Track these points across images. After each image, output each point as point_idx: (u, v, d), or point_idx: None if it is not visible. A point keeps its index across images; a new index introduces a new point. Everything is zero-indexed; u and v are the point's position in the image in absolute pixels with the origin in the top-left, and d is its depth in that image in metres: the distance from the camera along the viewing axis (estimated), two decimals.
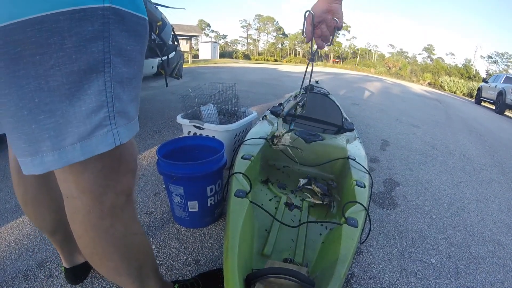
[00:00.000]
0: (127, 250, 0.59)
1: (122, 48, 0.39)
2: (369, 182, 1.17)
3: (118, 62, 0.39)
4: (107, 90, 0.38)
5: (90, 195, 0.49)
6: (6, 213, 1.29)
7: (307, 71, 0.97)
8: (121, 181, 0.52)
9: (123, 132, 0.42)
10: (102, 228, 0.52)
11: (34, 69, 0.33)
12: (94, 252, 0.56)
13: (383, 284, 1.06)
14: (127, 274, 0.61)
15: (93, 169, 0.46)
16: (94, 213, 0.50)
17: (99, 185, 0.48)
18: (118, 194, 0.52)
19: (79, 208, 0.50)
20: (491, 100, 8.29)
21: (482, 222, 1.60)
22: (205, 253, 1.11)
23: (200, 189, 1.15)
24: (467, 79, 25.40)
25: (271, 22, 55.86)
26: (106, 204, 0.51)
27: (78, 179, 0.46)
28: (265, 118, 1.77)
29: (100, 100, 0.37)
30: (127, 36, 0.39)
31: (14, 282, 0.94)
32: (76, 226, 0.53)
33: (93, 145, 0.39)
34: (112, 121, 0.40)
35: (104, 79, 0.37)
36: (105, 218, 0.52)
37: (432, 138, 3.30)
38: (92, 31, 0.35)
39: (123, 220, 0.56)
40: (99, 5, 0.35)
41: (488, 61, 42.04)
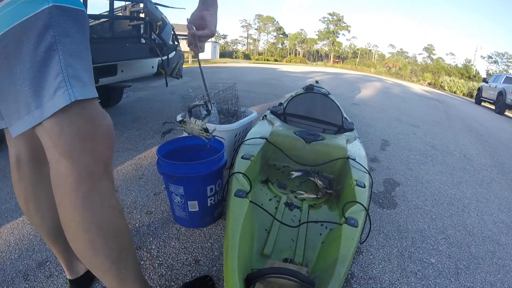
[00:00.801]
0: (104, 223, 0.60)
1: (68, 31, 0.53)
2: (369, 182, 1.17)
3: (67, 41, 0.53)
4: (61, 62, 0.52)
5: (69, 158, 0.55)
6: (6, 213, 1.29)
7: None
8: (98, 147, 0.58)
9: (78, 91, 0.53)
10: (80, 193, 0.56)
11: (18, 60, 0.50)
12: (72, 220, 0.57)
13: (383, 284, 1.06)
14: (104, 254, 0.60)
15: (69, 132, 0.54)
16: (72, 176, 0.55)
17: (76, 148, 0.55)
18: (95, 160, 0.57)
19: (60, 172, 0.55)
20: (491, 100, 8.29)
21: (482, 222, 1.60)
22: (205, 253, 1.11)
23: (200, 189, 1.15)
24: (467, 79, 25.39)
25: (271, 22, 55.85)
26: (84, 168, 0.56)
27: (57, 142, 0.54)
28: (265, 118, 1.77)
29: (57, 69, 0.51)
30: (70, 23, 0.54)
31: (14, 282, 0.94)
32: (57, 190, 0.57)
33: (57, 102, 0.52)
34: (67, 83, 0.52)
35: (58, 54, 0.52)
36: (83, 182, 0.56)
37: (432, 138, 3.30)
38: (44, 24, 0.50)
39: (101, 189, 0.59)
40: (46, 6, 0.50)
41: (488, 61, 42.02)
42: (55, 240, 0.82)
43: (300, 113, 1.83)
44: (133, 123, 2.70)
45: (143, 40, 2.40)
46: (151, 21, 2.16)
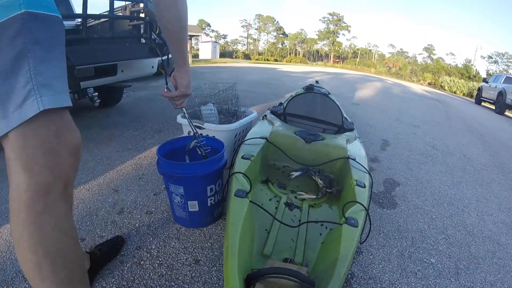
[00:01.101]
0: (53, 248, 0.56)
1: (40, 38, 0.52)
2: (369, 182, 1.17)
3: (37, 48, 0.51)
4: (30, 70, 0.50)
5: (28, 173, 0.53)
6: (6, 213, 1.29)
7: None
8: (60, 164, 0.56)
9: (47, 100, 0.51)
10: (33, 212, 0.54)
11: None
12: (21, 238, 0.55)
13: (383, 284, 1.06)
14: (52, 281, 0.56)
15: (32, 145, 0.52)
16: (29, 193, 0.53)
17: (37, 162, 0.53)
18: (55, 178, 0.55)
19: (17, 186, 0.54)
20: (491, 100, 8.28)
21: (482, 222, 1.60)
22: (205, 253, 1.11)
23: (200, 189, 1.15)
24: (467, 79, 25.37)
25: (271, 22, 55.84)
26: (41, 185, 0.54)
27: (18, 155, 0.52)
28: (265, 118, 1.77)
29: (26, 77, 0.50)
30: (42, 29, 0.52)
31: (14, 282, 0.94)
32: (12, 203, 0.55)
33: (24, 111, 0.50)
34: (37, 92, 0.51)
35: (28, 62, 0.50)
36: (38, 201, 0.54)
37: (432, 138, 3.30)
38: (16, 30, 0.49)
39: (55, 211, 0.56)
40: (18, 12, 0.49)
41: (488, 61, 42.00)
42: None
43: (300, 113, 1.83)
44: (133, 123, 2.70)
45: (143, 40, 2.40)
46: (151, 21, 2.16)
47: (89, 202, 1.40)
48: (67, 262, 0.59)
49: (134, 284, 0.95)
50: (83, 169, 1.71)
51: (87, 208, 1.35)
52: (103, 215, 1.30)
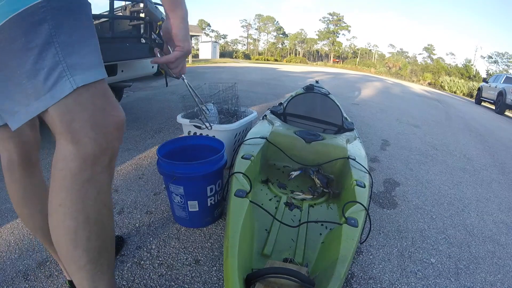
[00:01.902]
0: (93, 216, 0.58)
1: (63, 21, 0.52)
2: (369, 182, 1.17)
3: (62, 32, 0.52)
4: (58, 53, 0.52)
5: (76, 144, 0.54)
6: (6, 212, 1.29)
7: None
8: (107, 137, 0.57)
9: (79, 79, 0.53)
10: (79, 179, 0.56)
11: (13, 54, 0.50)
12: (62, 204, 0.56)
13: (383, 284, 1.06)
14: (84, 249, 0.58)
15: (80, 118, 0.54)
16: (76, 162, 0.55)
17: (85, 135, 0.55)
18: (102, 150, 0.57)
19: (64, 156, 0.55)
20: (491, 100, 8.28)
21: (482, 222, 1.60)
22: (205, 253, 1.11)
23: (200, 189, 1.15)
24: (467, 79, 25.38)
25: (271, 22, 55.84)
26: (89, 155, 0.56)
27: (67, 129, 0.54)
28: (265, 118, 1.77)
29: (55, 60, 0.51)
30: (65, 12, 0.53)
31: (14, 282, 0.94)
32: (56, 172, 0.56)
33: (59, 91, 0.52)
34: (67, 72, 0.52)
35: (54, 46, 0.51)
36: (85, 170, 0.56)
37: (432, 138, 3.30)
38: (38, 19, 0.49)
39: (100, 181, 0.58)
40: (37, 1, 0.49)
41: (488, 61, 41.99)
42: (51, 242, 0.82)
43: (300, 113, 1.83)
44: (133, 123, 2.70)
45: (143, 40, 2.40)
46: (151, 21, 2.16)
47: None
48: (102, 232, 0.61)
49: (134, 284, 0.95)
50: None
51: None
52: None
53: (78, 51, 0.54)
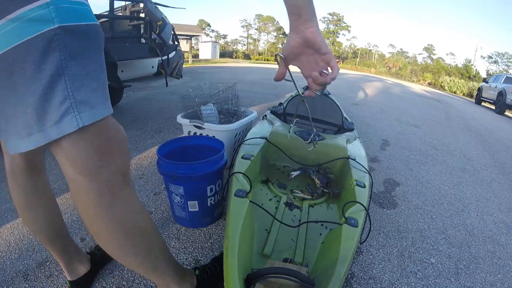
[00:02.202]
0: (129, 228, 0.62)
1: (75, 52, 0.50)
2: (369, 182, 1.17)
3: (73, 64, 0.50)
4: (67, 87, 0.50)
5: (87, 176, 0.55)
6: (6, 213, 1.29)
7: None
8: (115, 160, 0.58)
9: (85, 117, 0.52)
10: (103, 206, 0.58)
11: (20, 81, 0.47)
12: (99, 230, 0.60)
13: (383, 284, 1.06)
14: (134, 254, 0.64)
15: (85, 152, 0.54)
16: (93, 192, 0.56)
17: (94, 165, 0.55)
18: (113, 173, 0.58)
19: (80, 189, 0.57)
20: (491, 100, 8.28)
21: (482, 222, 1.60)
22: (205, 253, 1.11)
23: (200, 189, 1.15)
24: (467, 79, 25.39)
25: (271, 22, 55.84)
26: (103, 183, 0.57)
27: (75, 163, 0.54)
28: (265, 118, 1.77)
29: (63, 95, 0.49)
30: (79, 42, 0.51)
31: (14, 282, 0.94)
32: (80, 205, 0.59)
33: (63, 127, 0.51)
34: (75, 109, 0.51)
35: (64, 79, 0.49)
36: (104, 196, 0.57)
37: (432, 138, 3.30)
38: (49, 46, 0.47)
39: (121, 198, 0.60)
40: (51, 27, 0.47)
41: (488, 61, 41.98)
42: (53, 245, 0.82)
43: (300, 113, 1.83)
44: (133, 123, 2.70)
45: (143, 40, 2.40)
46: (151, 21, 2.16)
47: None
48: (143, 234, 0.66)
49: (134, 284, 0.95)
50: None
51: None
52: None
53: (87, 86, 0.53)
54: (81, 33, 0.51)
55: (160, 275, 0.72)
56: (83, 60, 0.52)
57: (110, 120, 0.59)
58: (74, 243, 0.91)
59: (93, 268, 0.94)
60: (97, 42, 0.56)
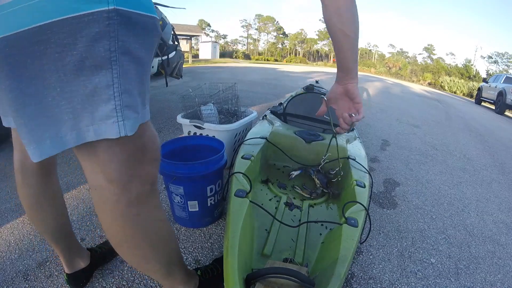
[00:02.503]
0: (154, 237, 0.61)
1: (129, 47, 0.42)
2: (369, 182, 1.17)
3: (126, 60, 0.42)
4: (114, 86, 0.42)
5: (118, 184, 0.51)
6: (6, 213, 1.29)
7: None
8: (146, 170, 0.55)
9: (129, 125, 0.45)
10: (130, 216, 0.55)
11: (54, 65, 0.39)
12: (124, 240, 0.57)
13: (383, 284, 1.06)
14: (155, 261, 0.63)
15: (119, 159, 0.49)
16: (121, 202, 0.53)
17: (125, 174, 0.51)
18: (143, 182, 0.55)
19: (107, 198, 0.52)
20: (491, 100, 8.29)
21: (482, 222, 1.60)
22: (205, 253, 1.11)
23: (200, 189, 1.15)
24: (467, 79, 25.40)
25: (271, 22, 55.84)
26: (132, 193, 0.53)
27: (105, 169, 0.49)
28: (265, 118, 1.77)
29: (108, 94, 0.42)
30: (135, 35, 0.43)
31: (14, 282, 0.94)
32: (105, 215, 0.55)
33: (103, 130, 0.43)
34: (119, 113, 0.43)
35: (112, 75, 0.41)
36: (132, 206, 0.54)
37: (432, 138, 3.30)
38: (98, 32, 0.39)
39: (149, 207, 0.58)
40: (104, 8, 0.38)
41: (488, 61, 42.01)
42: (57, 241, 0.82)
43: (300, 113, 1.83)
44: None
45: None
46: None
47: (89, 202, 1.40)
48: (166, 241, 0.65)
49: (134, 284, 0.95)
50: None
51: (87, 208, 1.35)
52: None
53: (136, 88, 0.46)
54: (139, 24, 0.43)
55: (172, 279, 0.72)
56: (136, 57, 0.44)
57: (149, 127, 0.55)
58: (77, 241, 0.91)
59: (92, 264, 0.93)
60: (153, 39, 0.49)
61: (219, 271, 0.92)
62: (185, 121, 1.68)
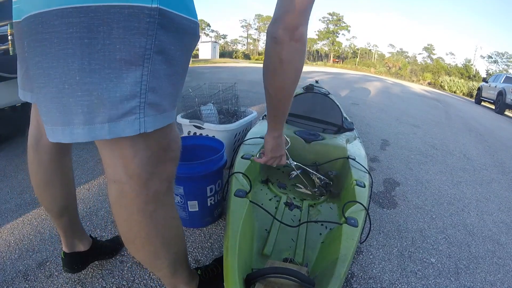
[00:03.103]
0: (167, 234, 0.61)
1: (165, 47, 0.42)
2: (369, 181, 1.17)
3: (159, 59, 0.42)
4: (142, 83, 0.41)
5: (138, 181, 0.51)
6: (6, 213, 1.29)
7: None
8: (166, 168, 0.56)
9: (150, 122, 0.45)
10: (147, 213, 0.55)
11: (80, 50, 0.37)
12: (138, 236, 0.58)
13: (383, 283, 1.06)
14: (165, 258, 0.64)
15: (142, 156, 0.50)
16: (140, 198, 0.53)
17: (146, 171, 0.52)
18: (162, 180, 0.56)
19: (126, 193, 0.53)
20: (491, 100, 8.29)
21: (482, 221, 1.60)
22: (205, 253, 1.11)
23: (200, 189, 1.15)
24: (467, 79, 25.40)
25: None
26: (151, 190, 0.54)
27: (128, 164, 0.49)
28: (265, 118, 1.77)
29: (134, 90, 0.41)
30: (173, 37, 0.42)
31: (14, 282, 0.94)
32: (122, 210, 0.55)
33: (120, 128, 0.42)
34: (142, 110, 0.43)
35: (141, 72, 0.41)
36: (150, 203, 0.55)
37: (432, 137, 3.30)
38: (137, 27, 0.38)
39: (165, 205, 0.59)
40: (147, 5, 0.38)
41: (488, 61, 42.01)
42: (61, 218, 0.82)
43: (300, 113, 1.83)
44: None
45: None
46: None
47: (89, 202, 1.40)
48: (177, 239, 0.66)
49: (134, 284, 0.95)
50: (83, 169, 1.71)
51: (87, 208, 1.35)
52: (103, 215, 1.30)
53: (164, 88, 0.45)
54: (179, 27, 0.43)
55: (176, 277, 0.72)
56: (170, 58, 0.44)
57: (174, 128, 0.57)
58: (80, 223, 0.91)
59: (91, 251, 0.93)
60: (191, 44, 0.48)
61: (219, 271, 0.92)
62: (185, 121, 1.68)
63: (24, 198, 1.39)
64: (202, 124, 1.62)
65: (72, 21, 0.36)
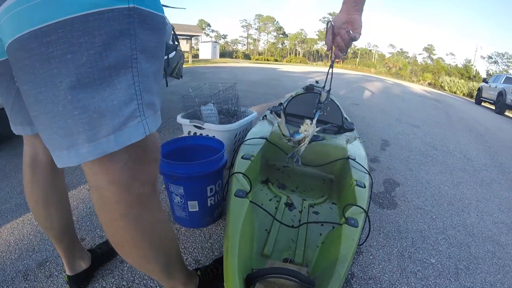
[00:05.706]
0: (154, 237, 0.60)
1: (146, 45, 0.42)
2: (369, 182, 1.17)
3: (143, 58, 0.41)
4: (135, 84, 0.41)
5: (119, 186, 0.50)
6: (6, 213, 1.29)
7: (328, 75, 1.18)
8: (146, 170, 0.54)
9: (151, 122, 0.45)
10: (130, 217, 0.54)
11: (66, 68, 0.36)
12: (124, 241, 0.57)
13: (383, 284, 1.06)
14: (156, 261, 0.63)
15: (121, 160, 0.48)
16: (122, 203, 0.52)
17: (126, 175, 0.50)
18: (144, 183, 0.54)
19: (108, 199, 0.52)
20: (491, 100, 8.29)
21: (482, 222, 1.60)
22: (205, 253, 1.11)
23: (200, 189, 1.15)
24: (467, 79, 25.41)
25: (271, 22, 55.84)
26: (133, 193, 0.53)
27: (107, 170, 0.48)
28: (265, 118, 1.77)
29: (130, 94, 0.40)
30: (149, 34, 0.42)
31: (14, 282, 0.94)
32: (105, 216, 0.54)
33: (126, 136, 0.41)
34: (142, 112, 0.42)
35: (132, 74, 0.40)
36: (133, 207, 0.54)
37: (432, 138, 3.30)
38: (119, 29, 0.37)
39: (149, 208, 0.58)
40: (125, 6, 0.37)
41: (488, 61, 42.04)
42: (61, 241, 0.82)
43: (300, 113, 1.83)
44: None
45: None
46: None
47: (89, 202, 1.40)
48: (166, 242, 0.65)
49: (134, 284, 0.95)
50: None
51: (87, 208, 1.35)
52: None
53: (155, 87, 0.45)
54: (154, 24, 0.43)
55: (172, 279, 0.72)
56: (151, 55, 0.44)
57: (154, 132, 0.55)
58: (79, 241, 0.91)
59: (92, 265, 0.94)
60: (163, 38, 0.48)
61: (219, 271, 0.92)
62: (185, 121, 1.68)
63: (24, 198, 1.39)
64: (202, 124, 1.62)
65: (50, 40, 0.35)
